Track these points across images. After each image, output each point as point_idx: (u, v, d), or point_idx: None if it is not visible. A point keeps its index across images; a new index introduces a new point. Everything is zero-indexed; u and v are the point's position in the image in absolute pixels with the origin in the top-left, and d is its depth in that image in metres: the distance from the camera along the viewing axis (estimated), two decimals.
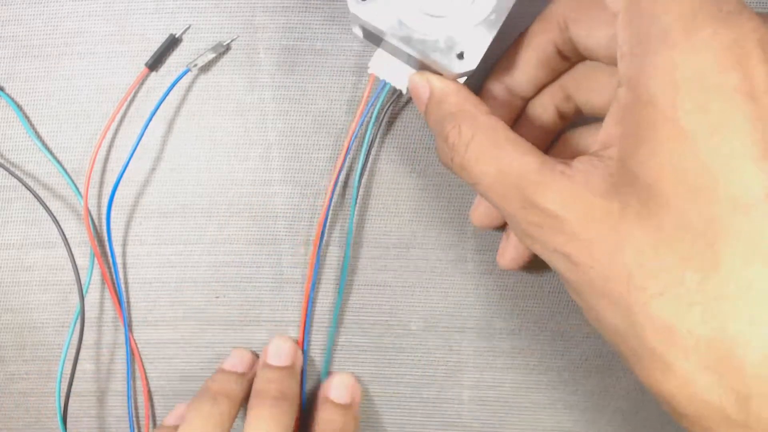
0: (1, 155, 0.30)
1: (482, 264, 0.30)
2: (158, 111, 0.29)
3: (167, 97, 0.29)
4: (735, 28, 0.17)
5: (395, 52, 0.26)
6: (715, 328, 0.17)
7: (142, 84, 0.30)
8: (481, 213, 0.28)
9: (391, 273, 0.30)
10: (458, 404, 0.31)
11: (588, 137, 0.26)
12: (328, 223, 0.30)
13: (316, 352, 0.31)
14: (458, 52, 0.24)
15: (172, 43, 0.29)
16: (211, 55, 0.29)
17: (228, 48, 0.29)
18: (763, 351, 0.16)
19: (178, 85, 0.29)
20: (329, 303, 0.30)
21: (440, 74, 0.26)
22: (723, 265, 0.17)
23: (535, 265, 0.30)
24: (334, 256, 0.30)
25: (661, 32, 0.18)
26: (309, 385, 0.31)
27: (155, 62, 0.29)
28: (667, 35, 0.18)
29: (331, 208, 0.30)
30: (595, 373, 0.31)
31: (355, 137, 0.29)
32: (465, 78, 0.26)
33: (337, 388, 0.30)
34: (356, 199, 0.29)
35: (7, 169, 0.30)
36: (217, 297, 0.31)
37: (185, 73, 0.29)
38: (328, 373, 0.31)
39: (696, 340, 0.17)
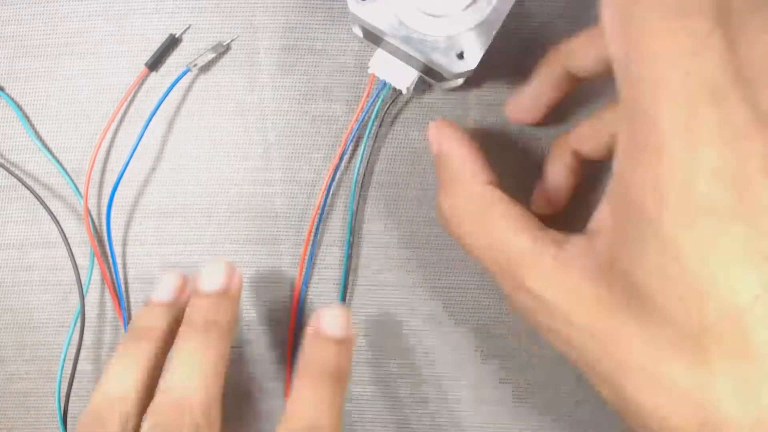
0: (1, 155, 0.30)
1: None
2: (158, 111, 0.29)
3: (167, 97, 0.29)
4: (735, 151, 0.17)
5: (395, 51, 0.26)
6: (702, 416, 0.18)
7: (142, 84, 0.30)
8: (520, 106, 0.27)
9: (391, 273, 0.30)
10: (458, 404, 0.31)
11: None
12: (328, 223, 0.30)
13: None
14: (458, 52, 0.24)
15: (172, 43, 0.29)
16: (211, 55, 0.29)
17: (228, 48, 0.29)
18: None
19: (178, 85, 0.29)
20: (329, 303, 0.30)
21: (442, 77, 0.25)
22: (710, 363, 0.18)
23: None
24: (334, 255, 0.30)
25: (655, 141, 0.17)
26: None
27: (155, 62, 0.29)
28: (661, 144, 0.17)
29: (331, 206, 0.30)
30: None
31: (354, 136, 0.29)
32: (464, 78, 0.26)
33: (331, 321, 0.26)
34: (354, 197, 0.29)
35: (7, 169, 0.30)
36: None
37: (185, 73, 0.29)
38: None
39: (685, 424, 0.18)
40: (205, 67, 0.29)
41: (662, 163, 0.17)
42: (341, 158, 0.29)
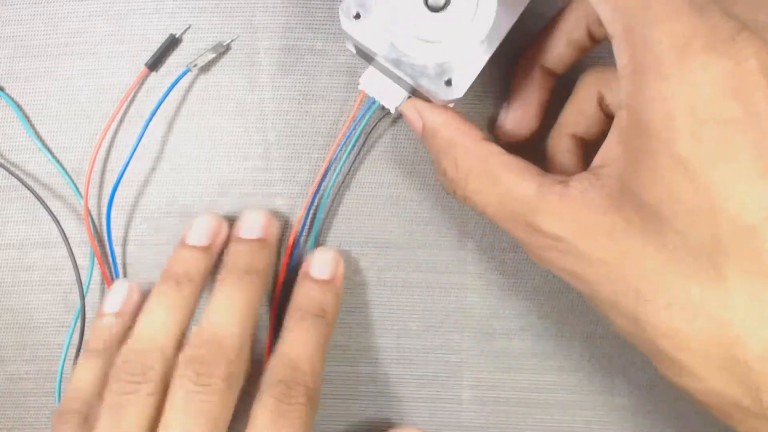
0: (1, 155, 0.30)
1: (482, 264, 0.30)
2: (158, 111, 0.29)
3: (167, 97, 0.29)
4: (730, 57, 0.17)
5: (386, 71, 0.26)
6: (720, 334, 0.18)
7: (142, 84, 0.30)
8: (513, 119, 0.27)
9: (390, 273, 0.30)
10: (458, 404, 0.31)
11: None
12: (313, 234, 0.30)
13: None
14: (446, 79, 0.24)
15: (172, 43, 0.29)
16: (212, 55, 0.29)
17: (228, 48, 0.29)
18: (764, 351, 0.17)
19: (178, 85, 0.29)
20: None
21: (428, 100, 0.26)
22: (726, 280, 0.18)
23: (534, 266, 0.30)
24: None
25: (655, 62, 0.18)
26: None
27: (155, 62, 0.29)
28: (660, 65, 0.18)
29: (325, 214, 0.30)
30: (596, 373, 0.31)
31: (339, 153, 0.29)
32: (453, 103, 0.26)
33: (317, 264, 0.28)
34: (323, 210, 0.30)
35: (7, 169, 0.30)
36: None
37: (185, 73, 0.29)
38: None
39: (704, 344, 0.18)
40: (205, 67, 0.29)
41: (664, 81, 0.18)
42: (325, 173, 0.29)
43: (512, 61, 0.27)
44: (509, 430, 0.31)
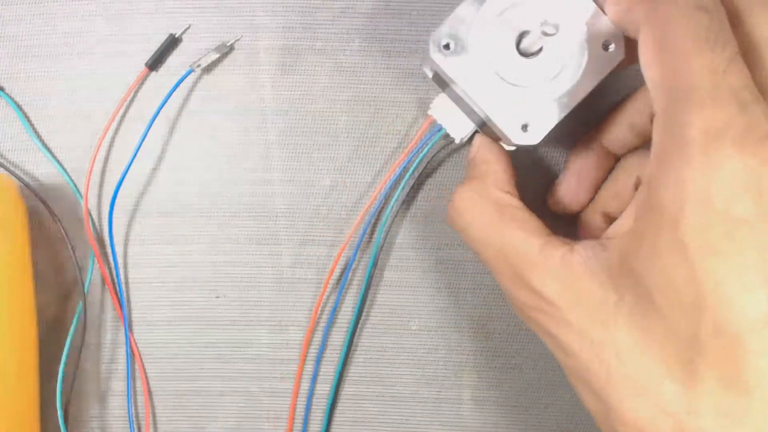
0: (1, 155, 0.30)
1: (482, 264, 0.30)
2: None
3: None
4: (757, 156, 0.17)
5: (458, 100, 0.26)
6: None
7: (142, 84, 0.30)
8: (565, 191, 0.27)
9: (391, 273, 0.30)
10: (458, 404, 0.31)
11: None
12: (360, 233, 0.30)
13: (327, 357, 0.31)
14: (523, 123, 0.24)
15: (172, 43, 0.29)
16: (215, 56, 0.29)
17: (232, 48, 0.29)
18: None
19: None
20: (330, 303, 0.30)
21: (497, 139, 0.25)
22: (699, 383, 0.17)
23: None
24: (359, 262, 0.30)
25: (682, 145, 0.18)
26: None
27: (155, 62, 0.29)
28: (686, 149, 0.17)
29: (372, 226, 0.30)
30: None
31: (401, 171, 0.29)
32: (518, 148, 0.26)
33: None
34: (386, 224, 0.30)
35: (7, 169, 0.30)
36: (217, 297, 0.31)
37: (189, 73, 0.29)
38: (340, 374, 0.30)
39: None
40: (206, 67, 0.29)
41: (686, 165, 0.17)
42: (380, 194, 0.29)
43: (571, 132, 0.28)
44: (509, 429, 0.31)
